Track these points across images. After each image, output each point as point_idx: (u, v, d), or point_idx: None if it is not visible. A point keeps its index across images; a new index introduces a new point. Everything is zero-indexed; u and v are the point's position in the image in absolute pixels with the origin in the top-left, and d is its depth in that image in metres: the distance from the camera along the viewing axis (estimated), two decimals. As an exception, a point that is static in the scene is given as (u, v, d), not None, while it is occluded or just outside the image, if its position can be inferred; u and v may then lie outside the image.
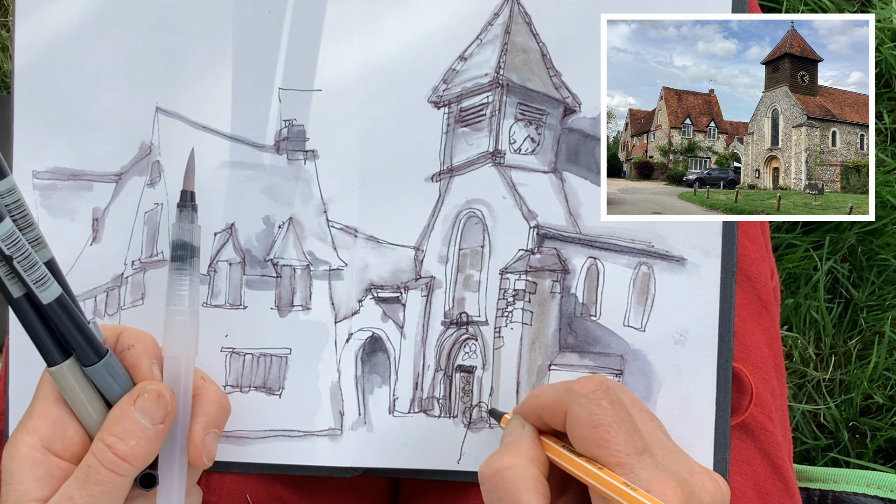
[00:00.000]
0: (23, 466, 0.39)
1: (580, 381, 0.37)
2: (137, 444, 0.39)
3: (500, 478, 0.36)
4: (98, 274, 0.49)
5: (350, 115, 0.47)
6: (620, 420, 0.36)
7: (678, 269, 0.46)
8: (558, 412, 0.38)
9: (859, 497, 0.59)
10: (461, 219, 0.47)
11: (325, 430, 0.47)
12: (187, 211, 0.44)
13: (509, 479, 0.36)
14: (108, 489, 0.38)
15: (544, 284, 0.46)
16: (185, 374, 0.42)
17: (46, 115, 0.49)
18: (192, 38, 0.48)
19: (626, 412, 0.37)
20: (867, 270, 1.07)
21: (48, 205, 0.49)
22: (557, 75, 0.47)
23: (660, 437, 0.39)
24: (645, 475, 0.35)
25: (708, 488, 0.37)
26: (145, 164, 0.48)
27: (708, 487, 0.37)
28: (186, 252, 0.43)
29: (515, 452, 0.38)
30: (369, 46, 0.47)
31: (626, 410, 0.37)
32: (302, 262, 0.48)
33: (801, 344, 1.06)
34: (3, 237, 0.36)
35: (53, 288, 0.38)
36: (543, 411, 0.39)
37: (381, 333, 0.47)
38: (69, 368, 0.39)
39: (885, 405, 1.04)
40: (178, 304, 0.43)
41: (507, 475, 0.36)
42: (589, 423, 0.36)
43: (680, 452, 0.39)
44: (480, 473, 0.38)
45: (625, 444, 0.35)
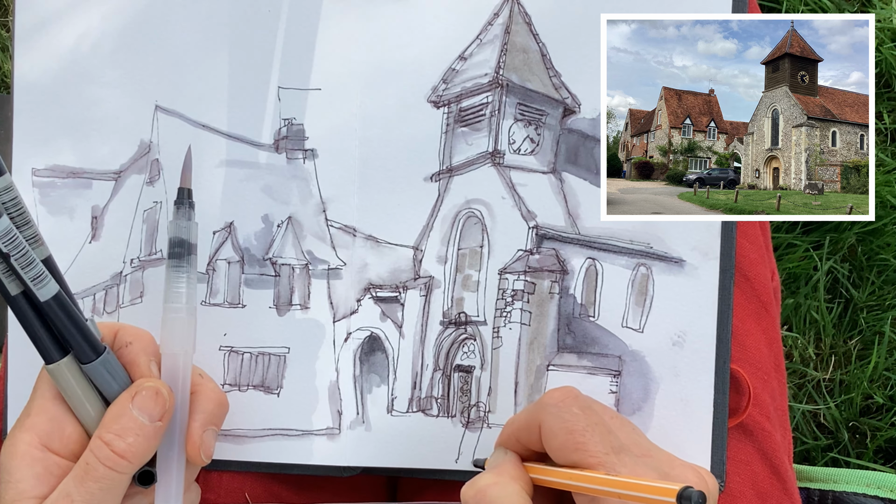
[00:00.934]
0: (21, 464, 0.39)
1: (549, 394, 0.38)
2: (135, 441, 0.39)
3: (483, 496, 0.36)
4: (97, 272, 0.49)
5: (349, 115, 0.47)
6: (593, 423, 0.36)
7: (677, 270, 0.46)
8: (533, 428, 0.38)
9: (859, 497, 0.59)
10: (460, 219, 0.47)
11: (324, 429, 0.47)
12: (184, 208, 0.43)
13: (492, 496, 0.36)
14: (106, 486, 0.38)
15: (543, 285, 0.46)
16: (183, 371, 0.42)
17: (46, 114, 0.49)
18: (192, 37, 0.48)
19: (598, 416, 0.37)
20: (867, 270, 1.07)
21: (47, 202, 0.49)
22: (557, 76, 0.47)
23: (635, 438, 0.39)
24: (625, 471, 0.35)
25: (690, 479, 0.37)
26: (144, 163, 0.48)
27: (690, 478, 0.37)
28: (184, 249, 0.43)
29: (497, 472, 0.38)
30: (369, 45, 0.47)
31: (598, 414, 0.37)
32: (301, 261, 0.48)
33: (801, 344, 1.06)
34: (0, 235, 0.36)
35: (51, 285, 0.38)
36: (519, 433, 0.39)
37: (380, 333, 0.47)
38: (67, 366, 0.40)
39: (885, 405, 1.04)
40: (176, 302, 0.43)
41: (490, 492, 0.37)
42: (563, 430, 0.36)
43: (660, 450, 0.39)
44: (463, 494, 0.38)
45: (601, 445, 0.36)
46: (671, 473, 0.37)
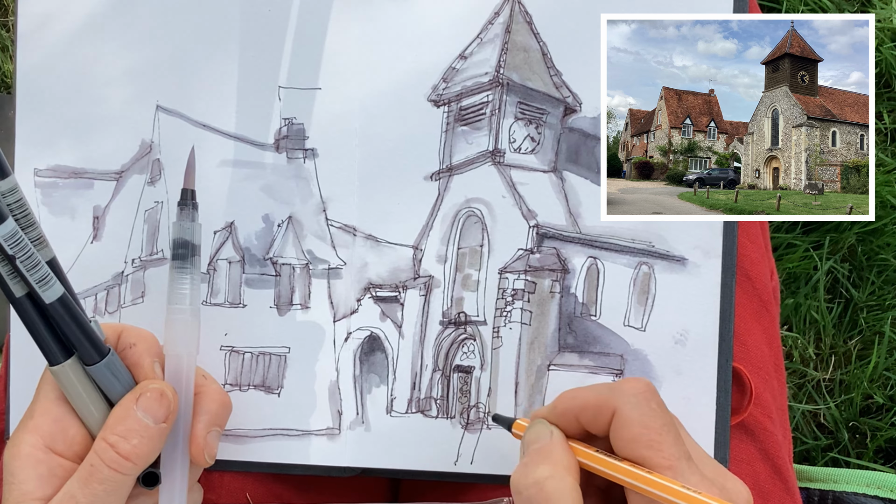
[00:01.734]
0: (25, 466, 0.39)
1: (628, 382, 0.36)
2: (140, 442, 0.39)
3: (539, 489, 0.35)
4: (98, 272, 0.49)
5: (350, 114, 0.47)
6: (668, 423, 0.35)
7: (679, 269, 0.46)
8: (603, 412, 0.36)
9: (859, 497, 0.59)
10: (460, 218, 0.47)
11: (324, 429, 0.47)
12: (188, 209, 0.44)
13: (549, 490, 0.35)
14: (110, 488, 0.38)
15: (543, 284, 0.46)
16: (187, 372, 0.42)
17: (48, 114, 0.49)
18: (193, 37, 0.48)
19: (672, 416, 0.36)
20: (867, 270, 1.07)
21: (49, 203, 0.49)
22: (558, 75, 0.47)
23: (692, 444, 0.38)
24: (694, 480, 0.34)
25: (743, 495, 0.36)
26: (146, 163, 0.49)
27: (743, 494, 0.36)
28: (187, 250, 0.43)
29: (551, 461, 0.36)
30: (369, 45, 0.47)
31: (671, 415, 0.36)
32: (301, 261, 0.48)
33: (801, 344, 1.06)
34: (5, 237, 0.36)
35: (56, 287, 0.38)
36: (583, 412, 0.37)
37: (380, 332, 0.47)
38: (71, 367, 0.40)
39: (885, 405, 1.04)
40: (180, 303, 0.43)
41: (547, 486, 0.35)
42: (640, 423, 0.35)
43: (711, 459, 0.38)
44: (515, 483, 0.36)
45: (675, 448, 0.34)
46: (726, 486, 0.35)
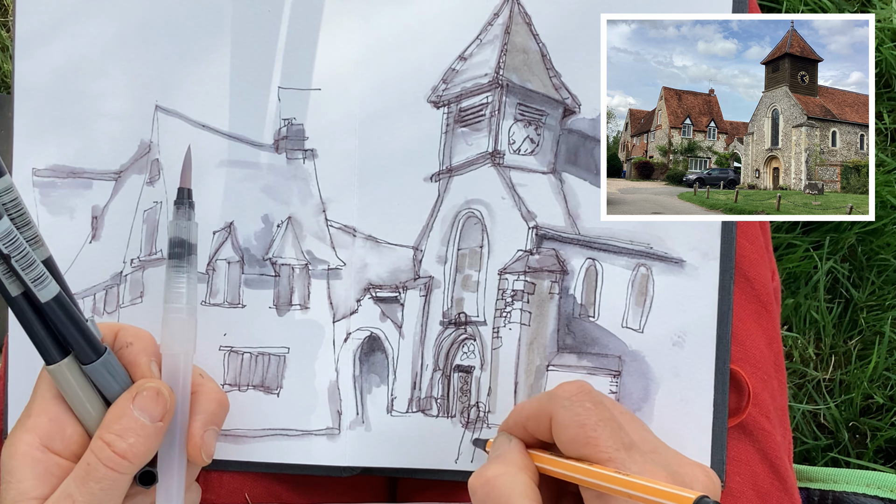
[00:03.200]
0: (22, 465, 0.39)
1: (562, 387, 0.38)
2: (137, 441, 0.39)
3: (491, 486, 0.37)
4: (97, 272, 0.49)
5: (349, 115, 0.47)
6: (605, 419, 0.36)
7: (677, 270, 0.46)
8: (543, 419, 0.38)
9: (859, 497, 0.59)
10: (460, 219, 0.47)
11: (323, 429, 0.47)
12: (184, 208, 0.44)
13: (500, 486, 0.36)
14: (107, 487, 0.38)
15: (543, 285, 0.46)
16: (184, 371, 0.42)
17: (46, 114, 0.49)
18: (192, 37, 0.48)
19: (609, 412, 0.37)
20: (867, 270, 1.07)
21: (48, 202, 0.49)
22: (557, 76, 0.47)
23: (645, 435, 0.39)
24: (636, 468, 0.35)
25: (699, 478, 0.37)
26: (145, 163, 0.48)
27: (699, 477, 0.37)
28: (184, 249, 0.43)
29: (505, 462, 0.38)
30: (369, 46, 0.47)
31: (609, 410, 0.37)
32: (300, 262, 0.48)
33: (801, 344, 1.06)
34: (0, 236, 0.36)
35: (51, 286, 0.38)
36: (528, 421, 0.39)
37: (380, 333, 0.47)
38: (68, 367, 0.40)
39: (885, 405, 1.04)
40: (176, 302, 0.43)
41: (498, 483, 0.37)
42: (575, 423, 0.36)
43: (667, 448, 0.39)
44: (471, 485, 0.38)
45: (612, 440, 0.36)
46: (679, 472, 0.37)
